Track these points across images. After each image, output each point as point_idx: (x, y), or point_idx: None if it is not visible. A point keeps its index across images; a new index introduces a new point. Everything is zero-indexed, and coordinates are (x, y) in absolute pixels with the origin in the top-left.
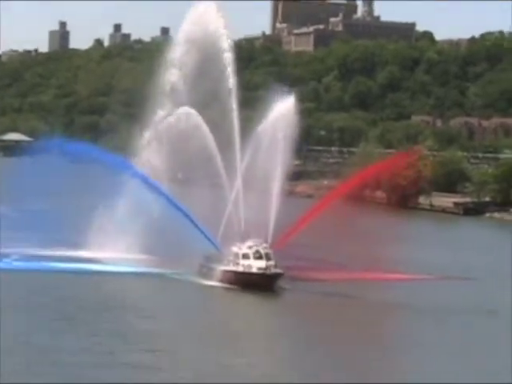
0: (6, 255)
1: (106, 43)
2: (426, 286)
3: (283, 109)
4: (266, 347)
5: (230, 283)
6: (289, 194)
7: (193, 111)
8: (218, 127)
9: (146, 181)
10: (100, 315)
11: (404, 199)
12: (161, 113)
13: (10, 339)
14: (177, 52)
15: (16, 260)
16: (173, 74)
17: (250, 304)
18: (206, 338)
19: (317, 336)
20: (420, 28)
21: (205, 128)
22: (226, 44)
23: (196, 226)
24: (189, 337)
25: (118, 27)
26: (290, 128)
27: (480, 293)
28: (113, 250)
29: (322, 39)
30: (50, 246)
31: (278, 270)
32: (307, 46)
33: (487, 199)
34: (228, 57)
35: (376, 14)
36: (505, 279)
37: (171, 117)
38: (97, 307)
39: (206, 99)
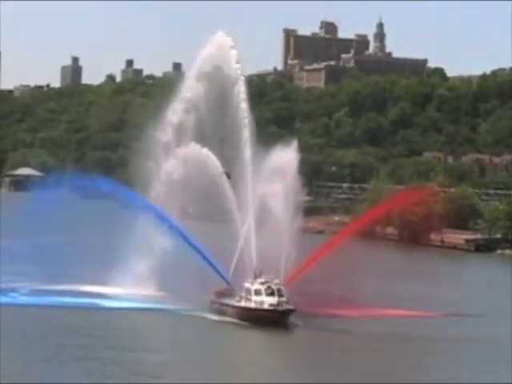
0: (14, 290)
1: (118, 78)
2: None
3: (283, 162)
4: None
5: (242, 319)
6: (300, 230)
7: (204, 150)
8: (230, 162)
9: (158, 214)
10: (108, 350)
11: (415, 236)
12: (171, 147)
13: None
14: (189, 86)
15: (23, 295)
16: (184, 108)
17: (259, 340)
18: (209, 372)
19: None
20: (431, 64)
21: (216, 164)
22: (240, 80)
23: (208, 261)
24: (192, 371)
25: (130, 63)
26: (290, 180)
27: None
28: (125, 286)
29: (333, 75)
30: (58, 281)
31: (290, 307)
32: (318, 81)
33: (498, 236)
34: (242, 92)
35: (388, 50)
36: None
37: (181, 153)
38: (105, 342)
39: (219, 134)
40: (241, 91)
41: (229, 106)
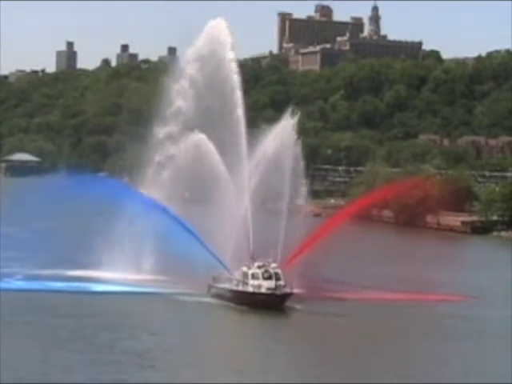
0: (9, 275)
1: (114, 63)
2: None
3: (283, 131)
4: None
5: (240, 303)
6: (296, 213)
7: (203, 137)
8: (226, 147)
9: (154, 205)
10: (110, 333)
11: (411, 218)
12: (167, 132)
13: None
14: (186, 69)
15: (19, 280)
16: (179, 93)
17: (255, 324)
18: (206, 356)
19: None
20: (427, 47)
21: (213, 151)
22: (233, 66)
23: (205, 246)
24: (187, 355)
25: (125, 47)
26: (291, 149)
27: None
28: (122, 271)
29: (328, 58)
30: (56, 266)
31: (288, 290)
32: (314, 65)
33: (495, 218)
34: (235, 78)
35: (383, 32)
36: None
37: (180, 142)
38: (105, 326)
39: (214, 119)
40: (235, 79)
41: (224, 89)
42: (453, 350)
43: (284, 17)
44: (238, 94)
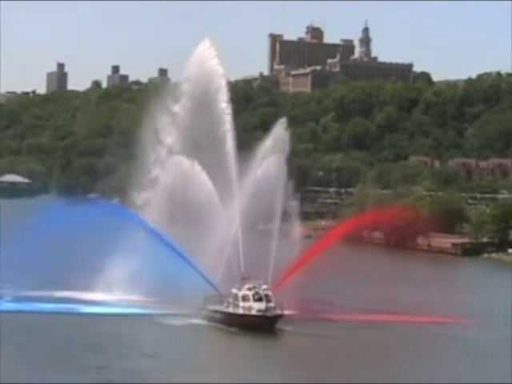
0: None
1: (104, 84)
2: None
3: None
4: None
5: (230, 325)
6: (286, 234)
7: (186, 162)
8: (216, 170)
9: (145, 226)
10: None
11: (402, 240)
12: (157, 157)
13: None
14: (175, 93)
15: (8, 301)
16: (169, 115)
17: (245, 346)
18: (193, 375)
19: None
20: (417, 69)
21: (203, 176)
22: (223, 90)
23: (195, 268)
24: (178, 375)
25: (116, 68)
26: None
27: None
28: (112, 293)
29: (319, 80)
30: (46, 288)
31: (278, 312)
32: (305, 86)
33: (485, 240)
34: (225, 104)
35: (373, 54)
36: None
37: (168, 166)
38: (94, 348)
39: (204, 141)
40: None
41: (213, 113)
42: (443, 368)
43: (275, 38)
44: (228, 117)
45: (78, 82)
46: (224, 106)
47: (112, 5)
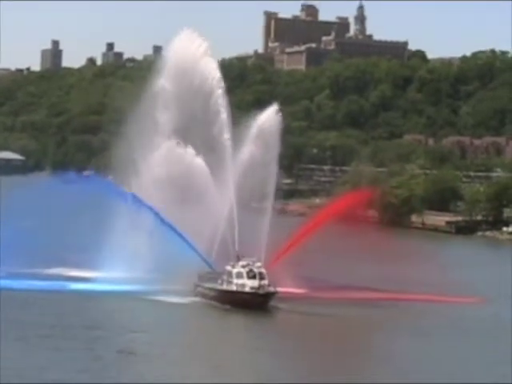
0: None
1: (99, 62)
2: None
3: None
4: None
5: (224, 302)
6: (281, 212)
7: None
8: (210, 148)
9: (141, 204)
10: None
11: (396, 218)
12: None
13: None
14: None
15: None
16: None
17: (238, 323)
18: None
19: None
20: (412, 47)
21: (197, 161)
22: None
23: (190, 245)
24: (169, 351)
25: (110, 46)
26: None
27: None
28: (106, 269)
29: (314, 58)
30: (40, 266)
31: (271, 289)
32: (299, 64)
33: (479, 218)
34: (217, 83)
35: (368, 32)
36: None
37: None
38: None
39: (197, 120)
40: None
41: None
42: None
43: (270, 16)
44: (221, 97)
45: (72, 60)
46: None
47: None
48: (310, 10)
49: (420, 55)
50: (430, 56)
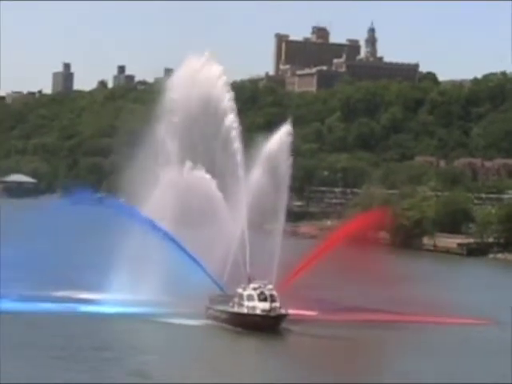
0: (3, 296)
1: (110, 84)
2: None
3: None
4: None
5: (235, 325)
6: (292, 234)
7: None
8: (222, 170)
9: (152, 225)
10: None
11: (408, 240)
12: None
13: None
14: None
15: (14, 300)
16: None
17: (249, 346)
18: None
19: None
20: (423, 69)
21: (208, 180)
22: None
23: (201, 267)
24: (181, 377)
25: (121, 68)
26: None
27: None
28: (116, 291)
29: (325, 80)
30: (50, 288)
31: (282, 312)
32: (310, 86)
33: (491, 240)
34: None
35: (379, 54)
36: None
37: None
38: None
39: (209, 142)
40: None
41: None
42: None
43: (281, 38)
44: (233, 117)
45: (83, 82)
46: (231, 118)
47: (118, 5)
48: (321, 33)
49: (431, 77)
50: (441, 78)
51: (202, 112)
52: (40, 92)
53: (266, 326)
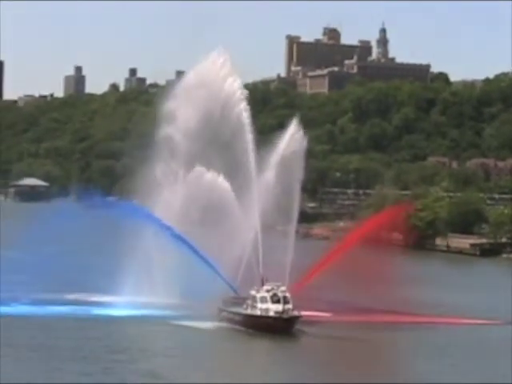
0: (16, 299)
1: (122, 87)
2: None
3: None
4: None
5: (248, 327)
6: (305, 236)
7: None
8: (235, 170)
9: (164, 228)
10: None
11: (421, 241)
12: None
13: None
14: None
15: (25, 304)
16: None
17: (262, 348)
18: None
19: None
20: (435, 69)
21: (221, 181)
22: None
23: (215, 270)
24: (195, 377)
25: (133, 71)
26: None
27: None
28: (131, 294)
29: (336, 81)
30: (61, 290)
31: (296, 314)
32: (322, 88)
33: (504, 240)
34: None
35: (391, 55)
36: None
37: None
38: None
39: (221, 143)
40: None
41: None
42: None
43: (292, 40)
44: (246, 119)
45: (95, 85)
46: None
47: (129, 7)
48: (332, 34)
49: (443, 78)
50: (452, 78)
51: (215, 113)
52: (52, 95)
53: (279, 328)
